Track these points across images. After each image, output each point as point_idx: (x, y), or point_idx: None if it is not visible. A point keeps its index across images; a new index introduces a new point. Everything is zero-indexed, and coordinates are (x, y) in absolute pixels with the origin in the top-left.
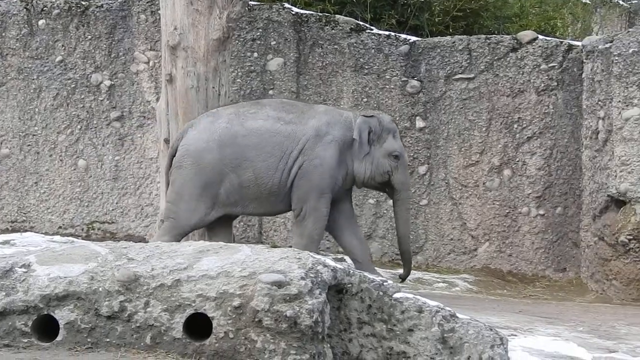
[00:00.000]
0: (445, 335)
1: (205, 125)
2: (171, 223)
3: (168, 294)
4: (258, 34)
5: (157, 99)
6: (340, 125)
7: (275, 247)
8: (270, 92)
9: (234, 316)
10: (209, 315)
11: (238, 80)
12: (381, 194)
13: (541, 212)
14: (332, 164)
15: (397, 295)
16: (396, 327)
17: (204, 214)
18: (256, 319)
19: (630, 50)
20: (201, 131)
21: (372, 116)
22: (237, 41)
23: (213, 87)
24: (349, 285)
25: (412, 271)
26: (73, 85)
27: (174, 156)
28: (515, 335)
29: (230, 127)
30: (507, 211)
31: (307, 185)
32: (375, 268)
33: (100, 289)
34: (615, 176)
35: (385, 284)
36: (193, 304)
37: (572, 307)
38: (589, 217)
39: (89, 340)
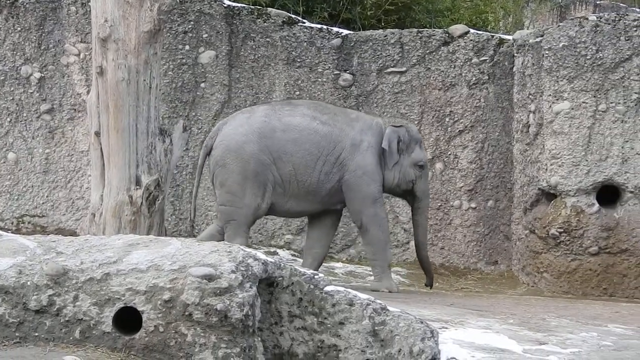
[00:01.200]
0: (376, 328)
1: (242, 120)
2: (233, 225)
3: (97, 288)
4: (190, 26)
5: (88, 92)
6: (372, 132)
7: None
8: (202, 85)
9: (164, 310)
10: (139, 309)
11: (169, 73)
12: None
13: (473, 205)
14: (373, 170)
15: (328, 288)
16: (327, 320)
17: (257, 205)
18: (186, 313)
19: (561, 45)
20: (237, 126)
21: (400, 126)
22: (168, 34)
23: (144, 80)
24: (280, 279)
25: (344, 264)
26: (2, 78)
27: (208, 154)
28: (446, 328)
29: (269, 121)
30: (439, 204)
31: (358, 197)
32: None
33: (29, 283)
34: (546, 169)
35: (316, 277)
36: (123, 298)
37: (503, 299)
38: (520, 210)
39: (17, 334)
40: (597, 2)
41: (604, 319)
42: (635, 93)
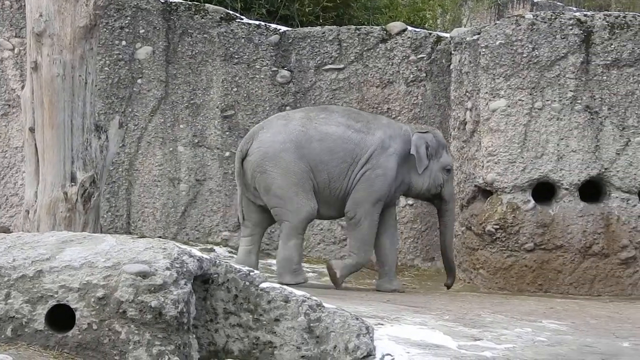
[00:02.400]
0: (311, 324)
1: (279, 128)
2: (288, 226)
3: (30, 285)
4: (126, 21)
5: (23, 87)
6: (400, 139)
7: (143, 237)
8: (139, 80)
9: (97, 307)
10: (72, 306)
11: (105, 68)
12: None
13: (410, 202)
14: (392, 175)
15: (263, 285)
16: (263, 317)
17: (309, 207)
18: (120, 310)
19: (497, 43)
20: (275, 133)
21: (427, 132)
22: (104, 29)
23: (80, 76)
24: (215, 276)
25: None
26: None
27: (244, 159)
28: (382, 324)
29: (306, 130)
30: None
31: (366, 191)
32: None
33: None
34: (482, 166)
35: (251, 274)
36: (56, 296)
37: (439, 296)
38: (457, 207)
39: None
40: (534, 1)
41: (538, 314)
42: (571, 91)
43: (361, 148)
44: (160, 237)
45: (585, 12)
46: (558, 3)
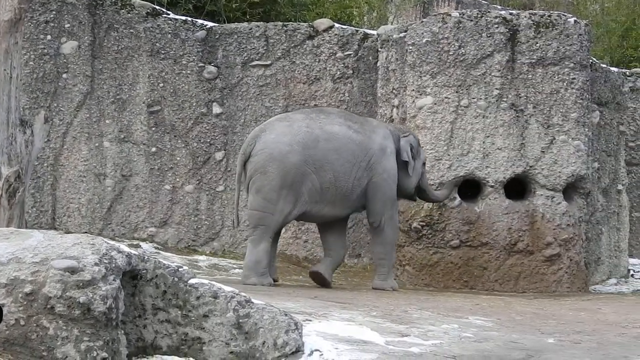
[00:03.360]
0: (240, 320)
1: (283, 129)
2: (262, 230)
3: None
4: (52, 16)
5: None
6: (391, 139)
7: (68, 233)
8: (64, 75)
9: (25, 303)
10: None
11: (30, 63)
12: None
13: None
14: (395, 174)
15: (192, 281)
16: (191, 313)
17: (288, 212)
18: (48, 306)
19: (424, 40)
20: (280, 135)
21: (409, 134)
22: (29, 23)
23: (4, 70)
24: (143, 271)
25: (208, 257)
26: None
27: (246, 161)
28: (310, 320)
29: (311, 130)
30: None
31: (383, 199)
32: (172, 255)
33: None
34: None
35: (180, 269)
36: None
37: (366, 292)
38: None
39: None
40: None
41: (464, 311)
42: (497, 89)
43: (362, 149)
44: (86, 232)
45: (511, 11)
46: (483, 1)
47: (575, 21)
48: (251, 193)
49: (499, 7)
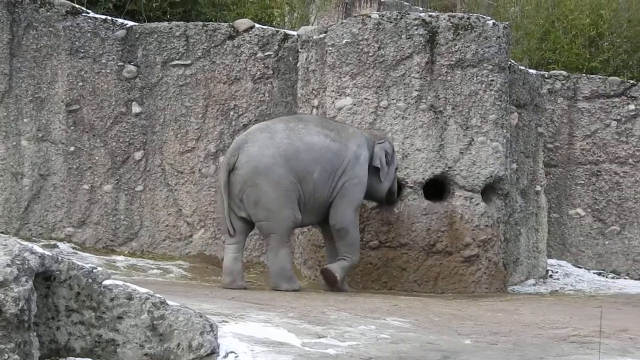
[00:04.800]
0: (155, 322)
1: (265, 141)
2: (275, 238)
3: None
4: None
5: None
6: (365, 146)
7: None
8: None
9: None
10: None
11: None
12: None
13: None
14: (365, 181)
15: (106, 282)
16: (105, 314)
17: (295, 217)
18: None
19: (344, 41)
20: (263, 147)
21: (384, 141)
22: None
23: None
24: (57, 273)
25: (127, 258)
26: None
27: (231, 171)
28: (227, 322)
29: (292, 142)
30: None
31: (348, 202)
32: (90, 255)
33: None
34: None
35: (94, 271)
36: None
37: (284, 293)
38: None
39: None
40: (382, 0)
41: (382, 312)
42: (416, 90)
43: (338, 157)
44: (2, 232)
45: (430, 13)
46: (405, 3)
47: (494, 23)
48: (250, 207)
49: (420, 8)
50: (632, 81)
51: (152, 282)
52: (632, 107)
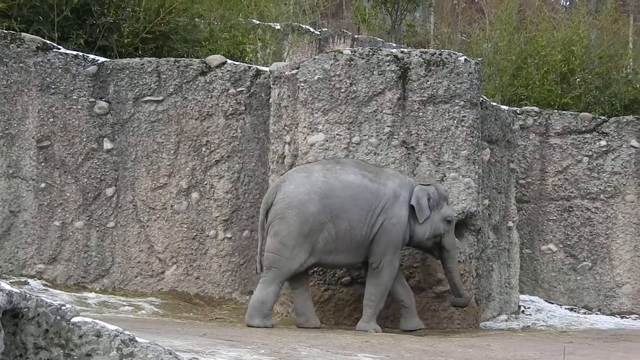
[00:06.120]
0: (124, 359)
1: (302, 180)
2: (274, 272)
3: None
4: None
5: None
6: (407, 188)
7: None
8: None
9: None
10: None
11: None
12: None
13: (228, 235)
14: (404, 222)
15: (75, 319)
16: (74, 351)
17: (303, 261)
18: None
19: (316, 77)
20: (299, 185)
21: (429, 185)
22: None
23: None
24: (25, 310)
25: (98, 294)
26: None
27: (268, 210)
28: (197, 359)
29: (328, 180)
30: (194, 234)
31: (386, 241)
32: (61, 292)
33: None
34: None
35: (63, 308)
36: None
37: (256, 329)
38: None
39: None
40: (355, 36)
41: (354, 348)
42: (388, 126)
43: (376, 197)
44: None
45: (402, 49)
46: (378, 39)
47: (465, 60)
48: (269, 236)
49: (394, 45)
50: (603, 117)
51: (124, 319)
52: (603, 142)
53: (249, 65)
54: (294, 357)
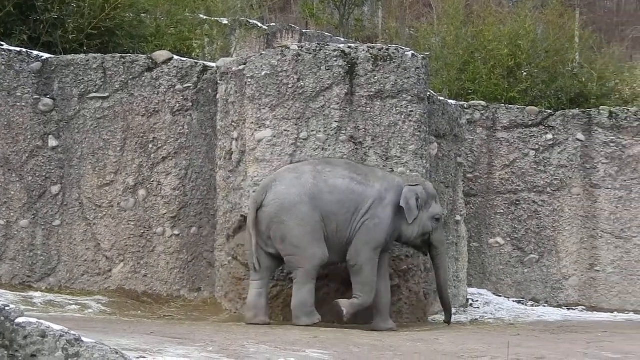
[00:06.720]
0: (69, 359)
1: (293, 181)
2: (302, 272)
3: None
4: None
5: None
6: (394, 191)
7: None
8: None
9: None
10: None
11: None
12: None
13: (176, 232)
14: (388, 223)
15: (19, 320)
16: (19, 352)
17: (322, 254)
18: None
19: (263, 73)
20: (290, 186)
21: (417, 185)
22: None
23: None
24: None
25: (44, 294)
26: None
27: (259, 209)
28: (144, 357)
29: (317, 183)
30: (142, 231)
31: (365, 240)
32: (5, 292)
33: None
34: (249, 196)
35: (7, 308)
36: None
37: (204, 326)
38: (223, 237)
39: None
40: (304, 31)
41: (302, 344)
42: (335, 122)
43: (362, 199)
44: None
45: (349, 44)
46: (327, 34)
47: (412, 54)
48: (278, 243)
49: (342, 40)
50: (549, 111)
51: (70, 318)
52: (549, 136)
53: (196, 61)
54: (243, 354)
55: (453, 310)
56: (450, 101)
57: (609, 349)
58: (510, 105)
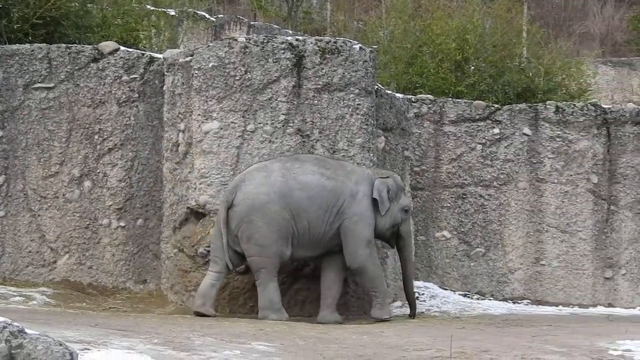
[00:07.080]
0: (12, 352)
1: (262, 180)
2: (265, 272)
3: None
4: None
5: None
6: (365, 183)
7: None
8: None
9: None
10: None
11: None
12: None
13: (122, 224)
14: (368, 216)
15: None
16: None
17: (282, 253)
18: None
19: (210, 65)
20: (259, 185)
21: (387, 177)
22: None
23: None
24: None
25: None
26: None
27: (229, 208)
28: (89, 350)
29: (286, 181)
30: (87, 223)
31: (355, 241)
32: None
33: None
34: (195, 188)
35: None
36: None
37: (150, 319)
38: (169, 229)
39: None
40: (252, 23)
41: (248, 336)
42: (283, 114)
43: (334, 195)
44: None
45: (297, 37)
46: (274, 26)
47: (360, 48)
48: (244, 242)
49: (291, 32)
50: (496, 105)
51: (14, 309)
52: (496, 130)
53: (143, 52)
54: (188, 347)
55: (399, 304)
56: (397, 95)
57: (553, 342)
58: (457, 99)
